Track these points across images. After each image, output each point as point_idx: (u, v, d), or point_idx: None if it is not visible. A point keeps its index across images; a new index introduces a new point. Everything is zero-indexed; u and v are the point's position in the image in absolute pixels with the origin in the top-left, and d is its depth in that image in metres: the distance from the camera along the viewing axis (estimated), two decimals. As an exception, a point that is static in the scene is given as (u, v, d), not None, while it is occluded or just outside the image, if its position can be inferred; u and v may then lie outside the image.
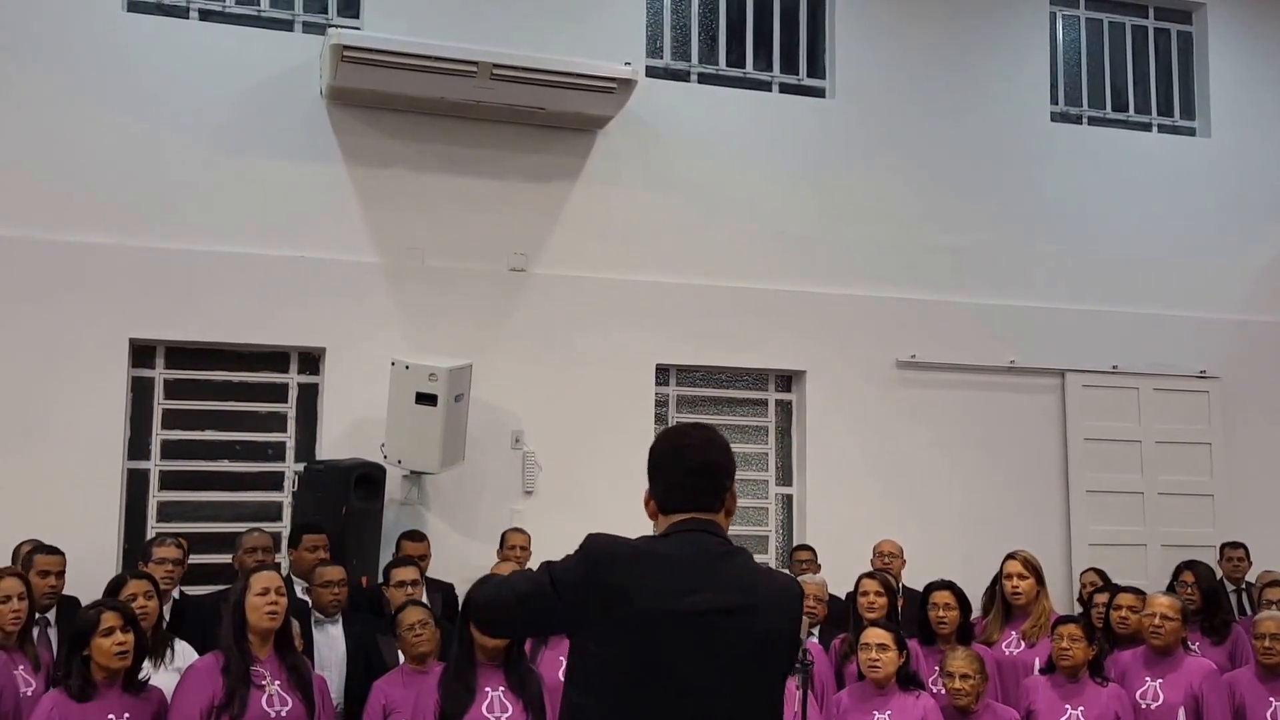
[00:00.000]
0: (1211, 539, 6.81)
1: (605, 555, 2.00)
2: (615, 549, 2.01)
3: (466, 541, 5.85)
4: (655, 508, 2.10)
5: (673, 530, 2.06)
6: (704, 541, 2.05)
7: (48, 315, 5.50)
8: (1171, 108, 7.66)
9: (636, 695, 1.94)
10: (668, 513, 2.08)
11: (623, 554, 2.00)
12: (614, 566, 1.97)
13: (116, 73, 5.73)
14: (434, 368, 5.44)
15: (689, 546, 2.03)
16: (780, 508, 6.72)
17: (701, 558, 2.02)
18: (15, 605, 3.71)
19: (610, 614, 1.95)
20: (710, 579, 2.00)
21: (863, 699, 3.96)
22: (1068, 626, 4.14)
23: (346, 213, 6.00)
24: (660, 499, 2.09)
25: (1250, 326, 7.35)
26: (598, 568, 1.98)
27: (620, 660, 1.94)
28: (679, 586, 1.97)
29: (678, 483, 2.07)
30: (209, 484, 5.81)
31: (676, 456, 2.10)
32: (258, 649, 3.49)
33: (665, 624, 1.94)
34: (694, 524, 2.06)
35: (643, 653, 1.94)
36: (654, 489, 2.10)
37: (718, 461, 2.10)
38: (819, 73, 6.98)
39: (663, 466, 2.10)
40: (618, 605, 1.94)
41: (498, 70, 5.74)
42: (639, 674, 1.94)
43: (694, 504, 2.07)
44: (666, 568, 1.99)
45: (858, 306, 6.68)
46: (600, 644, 1.96)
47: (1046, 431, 6.94)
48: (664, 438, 2.16)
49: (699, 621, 1.96)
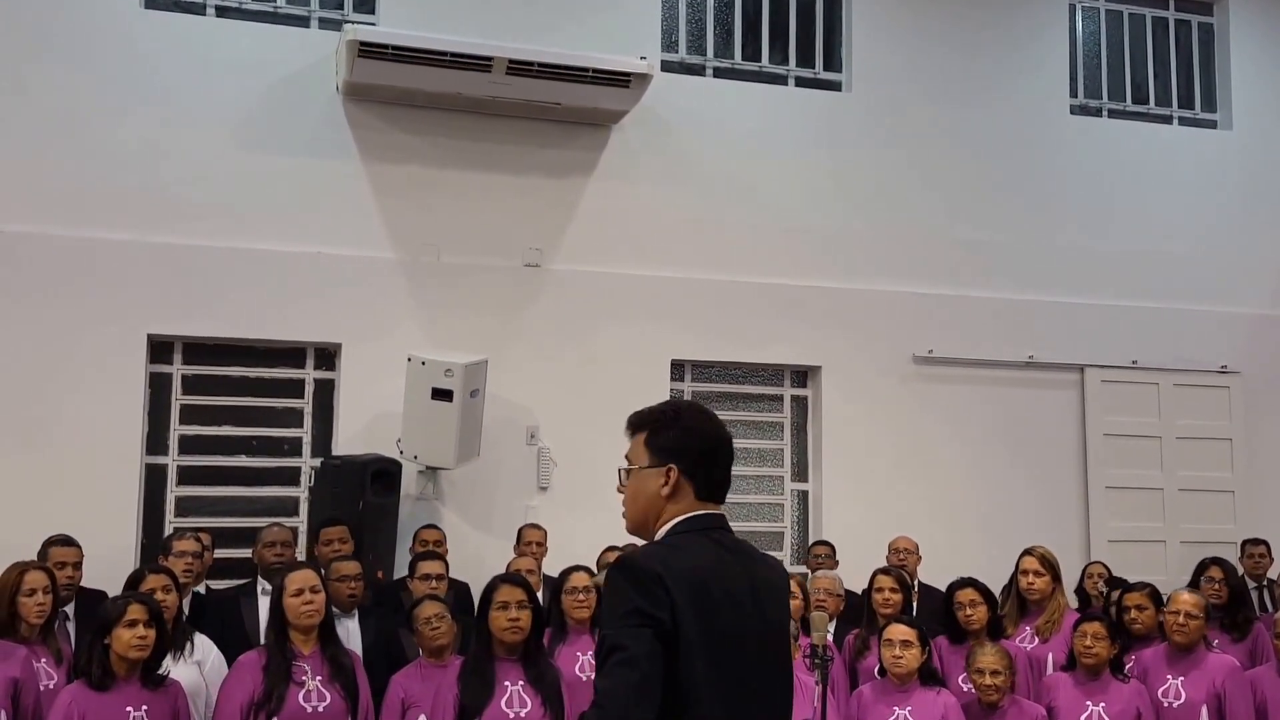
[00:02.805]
0: (1232, 535, 6.74)
1: (656, 574, 1.81)
2: (662, 566, 1.83)
3: (482, 537, 5.85)
4: (685, 489, 1.92)
5: (699, 526, 1.94)
6: (740, 542, 2.00)
7: (66, 311, 5.53)
8: (1192, 100, 7.58)
9: (715, 706, 1.83)
10: (704, 500, 1.94)
11: (677, 571, 1.83)
12: (672, 584, 1.81)
13: (134, 69, 5.75)
14: (450, 363, 5.44)
15: (737, 546, 1.97)
16: (796, 504, 6.69)
17: (743, 555, 1.97)
18: (40, 599, 3.74)
19: (697, 631, 1.81)
20: (751, 574, 1.95)
21: (884, 694, 3.94)
22: (1091, 625, 4.10)
23: (362, 209, 6.01)
24: (706, 485, 1.94)
25: (1271, 321, 7.27)
26: (662, 584, 1.81)
27: (706, 671, 1.82)
28: (729, 597, 1.88)
29: (721, 477, 1.97)
30: (226, 479, 5.83)
31: (723, 447, 1.98)
32: (301, 645, 3.55)
33: (732, 637, 1.86)
34: (718, 521, 1.98)
35: (721, 666, 1.84)
36: (695, 471, 1.92)
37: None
38: (835, 66, 6.94)
39: (712, 454, 1.96)
40: (695, 621, 1.81)
41: (513, 65, 5.74)
42: (717, 687, 1.83)
43: (720, 495, 1.99)
44: (717, 581, 1.87)
45: (874, 301, 6.64)
46: (691, 657, 1.81)
47: (1065, 427, 6.89)
48: (708, 421, 1.99)
49: (755, 622, 1.92)
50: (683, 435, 1.95)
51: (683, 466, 1.93)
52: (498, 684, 3.47)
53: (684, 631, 1.80)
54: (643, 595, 1.79)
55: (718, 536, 1.94)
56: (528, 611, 3.55)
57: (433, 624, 3.91)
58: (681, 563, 1.85)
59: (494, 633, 3.53)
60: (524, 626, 3.53)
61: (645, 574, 1.82)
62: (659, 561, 1.84)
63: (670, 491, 1.92)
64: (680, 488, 1.93)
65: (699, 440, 1.96)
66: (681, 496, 1.93)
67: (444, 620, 3.94)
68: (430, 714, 3.59)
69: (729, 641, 1.84)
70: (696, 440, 1.96)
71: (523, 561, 4.99)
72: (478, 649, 3.55)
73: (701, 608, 1.82)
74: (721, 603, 1.85)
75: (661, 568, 1.82)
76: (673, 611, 1.79)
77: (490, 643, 3.54)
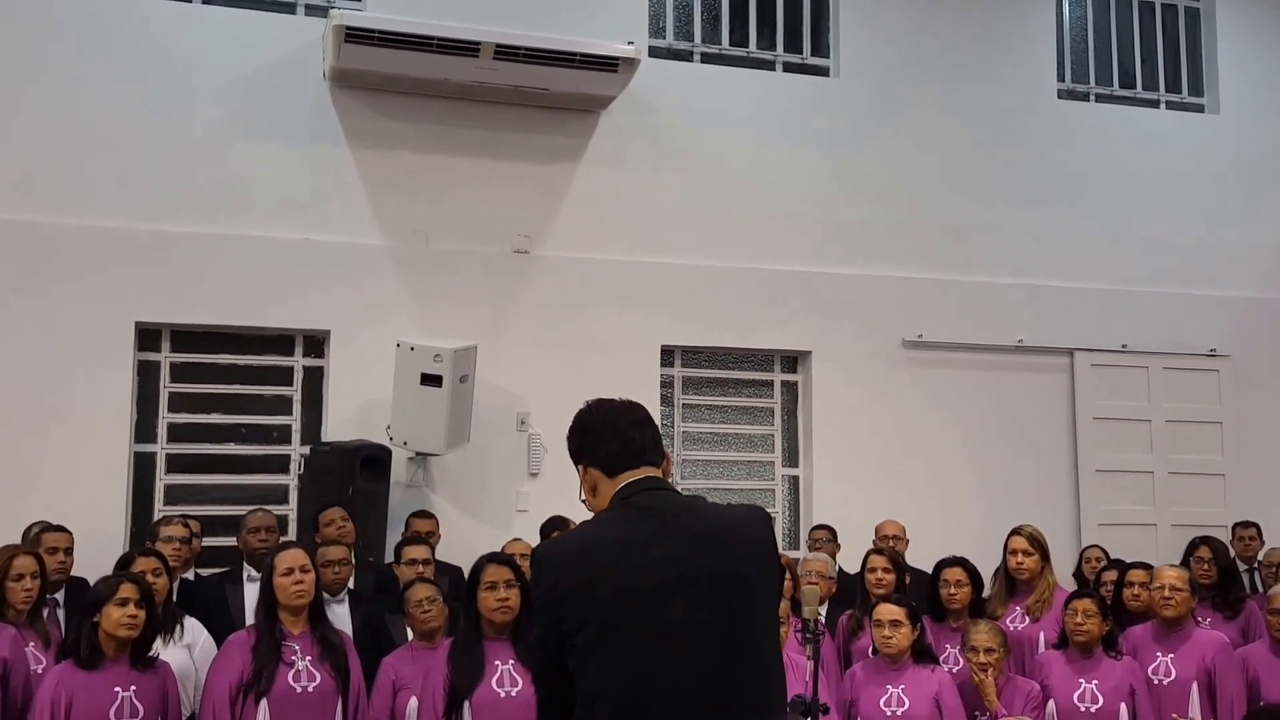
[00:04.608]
0: (1222, 518, 6.77)
1: (553, 562, 2.02)
2: (562, 550, 2.07)
3: (472, 523, 5.83)
4: (598, 478, 2.08)
5: (629, 492, 2.05)
6: (666, 498, 2.07)
7: (54, 299, 5.49)
8: (1179, 84, 7.59)
9: (641, 670, 1.92)
10: (616, 474, 2.07)
11: (572, 551, 2.03)
12: (566, 568, 1.98)
13: (119, 56, 5.71)
14: (439, 349, 5.42)
15: (654, 504, 2.04)
16: (787, 489, 6.69)
17: (668, 511, 2.04)
18: (28, 584, 3.74)
19: (592, 611, 1.94)
20: (677, 528, 2.01)
21: (876, 673, 3.94)
22: (1082, 602, 4.11)
23: (350, 195, 5.98)
24: (608, 462, 2.08)
25: (1261, 304, 7.30)
26: (557, 576, 1.99)
27: (616, 644, 1.93)
28: (641, 558, 1.97)
29: (627, 439, 2.08)
30: (215, 467, 5.81)
31: (614, 415, 2.12)
32: (291, 625, 3.54)
33: (644, 597, 1.94)
34: (650, 482, 2.07)
35: (636, 630, 1.93)
36: (596, 456, 2.09)
37: (649, 415, 2.16)
38: (823, 51, 6.94)
39: (602, 430, 2.10)
40: (589, 602, 1.94)
41: (500, 50, 5.72)
42: (638, 652, 1.93)
43: (643, 458, 2.09)
44: (624, 547, 1.99)
45: (864, 286, 6.64)
46: (592, 638, 1.94)
47: (1055, 411, 6.90)
48: (589, 410, 2.15)
49: (674, 575, 1.96)
50: (574, 437, 2.14)
51: (587, 461, 2.11)
52: (488, 663, 3.45)
53: (580, 613, 1.94)
54: (540, 607, 2.02)
55: (636, 500, 2.05)
56: (516, 591, 3.54)
57: (424, 607, 3.91)
58: (574, 543, 2.07)
59: (483, 613, 3.52)
60: (513, 606, 3.52)
61: (540, 570, 2.04)
62: (551, 549, 2.13)
63: (592, 485, 2.10)
64: (596, 478, 2.09)
65: (580, 432, 2.13)
66: (601, 483, 2.09)
67: (435, 603, 3.93)
68: (421, 696, 3.57)
69: (632, 596, 1.94)
70: (578, 433, 2.13)
71: (517, 545, 4.98)
72: (467, 629, 3.54)
73: (596, 575, 1.96)
74: (621, 562, 1.97)
75: (552, 555, 2.07)
76: (563, 601, 1.96)
77: (479, 622, 3.53)
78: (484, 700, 3.40)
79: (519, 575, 3.61)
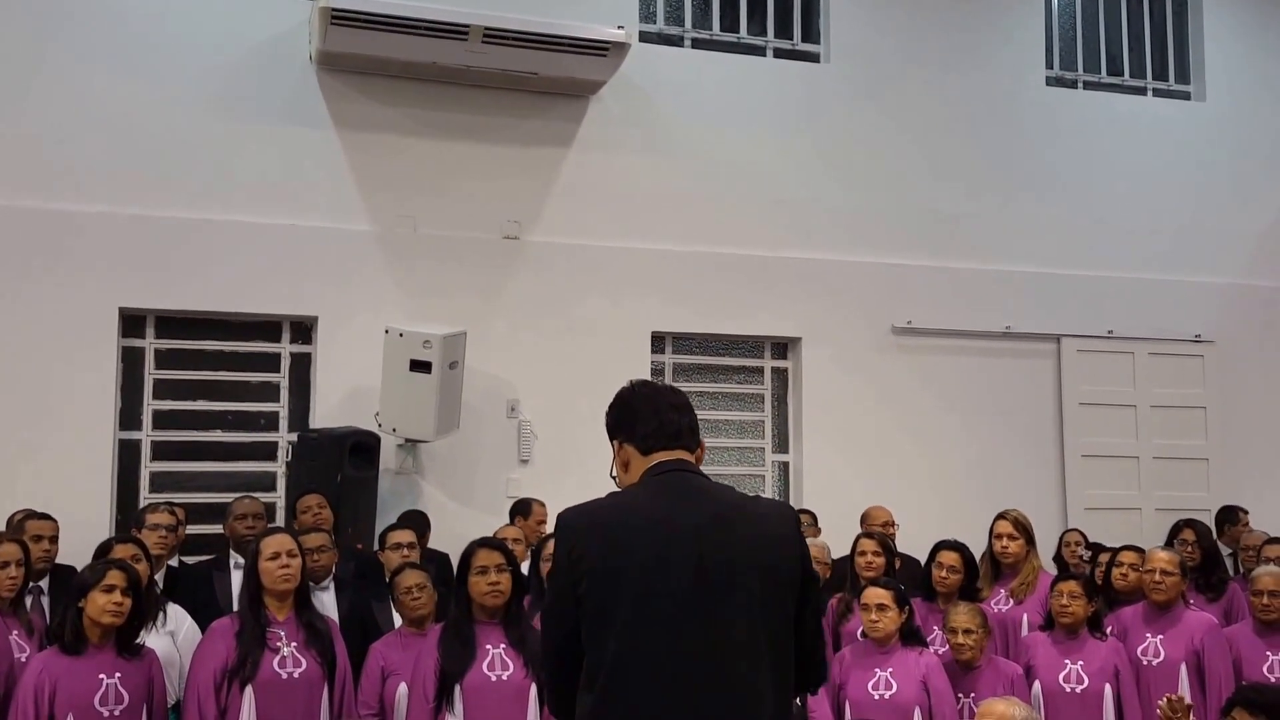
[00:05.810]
0: (1206, 503, 6.82)
1: (577, 524, 2.05)
2: (585, 517, 2.06)
3: (462, 510, 5.82)
4: (632, 454, 2.12)
5: (659, 470, 2.09)
6: (694, 480, 2.10)
7: (36, 285, 5.43)
8: (1166, 71, 7.61)
9: (640, 644, 1.94)
10: (650, 453, 2.12)
11: (596, 520, 2.04)
12: (587, 535, 2.02)
13: (103, 38, 5.64)
14: (428, 335, 5.39)
15: (682, 485, 2.07)
16: (777, 475, 6.70)
17: (694, 493, 2.06)
18: (13, 571, 3.70)
19: (604, 581, 1.98)
20: (700, 510, 2.04)
21: (865, 656, 3.96)
22: (1067, 584, 4.14)
23: (338, 180, 5.93)
24: (643, 441, 2.12)
25: (1245, 291, 7.34)
26: (575, 540, 2.03)
27: (621, 616, 1.96)
28: (660, 534, 2.00)
29: (665, 420, 2.12)
30: (202, 454, 5.77)
31: (655, 396, 2.18)
32: (276, 611, 3.51)
33: (656, 573, 1.97)
34: (681, 464, 2.11)
35: (642, 605, 1.95)
36: (632, 433, 2.13)
37: (689, 402, 2.21)
38: (813, 37, 6.92)
39: (642, 408, 2.15)
40: (602, 571, 1.98)
41: (489, 33, 5.67)
42: (641, 628, 1.95)
43: (678, 441, 2.13)
44: (647, 521, 2.02)
45: (853, 272, 6.64)
46: (601, 605, 1.96)
47: (1042, 396, 6.93)
48: (632, 388, 2.20)
49: (690, 555, 1.98)
50: (612, 413, 2.20)
51: (622, 437, 2.17)
52: (479, 647, 3.44)
53: (593, 579, 1.98)
54: (558, 569, 2.06)
55: (665, 480, 2.08)
56: (507, 575, 3.53)
57: (414, 593, 3.90)
58: (598, 513, 2.07)
59: (474, 597, 3.51)
60: (504, 590, 3.51)
61: (562, 534, 2.07)
62: (575, 515, 2.09)
63: (625, 461, 2.16)
64: (630, 454, 2.15)
65: (619, 407, 2.19)
66: (634, 460, 2.14)
67: (425, 590, 3.92)
68: (411, 682, 3.56)
69: (645, 571, 1.98)
70: (618, 408, 2.19)
71: (509, 530, 4.97)
72: (458, 613, 3.52)
73: (615, 546, 2.00)
74: (640, 536, 2.00)
75: (576, 520, 2.07)
76: (579, 564, 2.00)
77: (470, 607, 3.52)
78: (475, 684, 3.39)
79: (510, 559, 3.60)
